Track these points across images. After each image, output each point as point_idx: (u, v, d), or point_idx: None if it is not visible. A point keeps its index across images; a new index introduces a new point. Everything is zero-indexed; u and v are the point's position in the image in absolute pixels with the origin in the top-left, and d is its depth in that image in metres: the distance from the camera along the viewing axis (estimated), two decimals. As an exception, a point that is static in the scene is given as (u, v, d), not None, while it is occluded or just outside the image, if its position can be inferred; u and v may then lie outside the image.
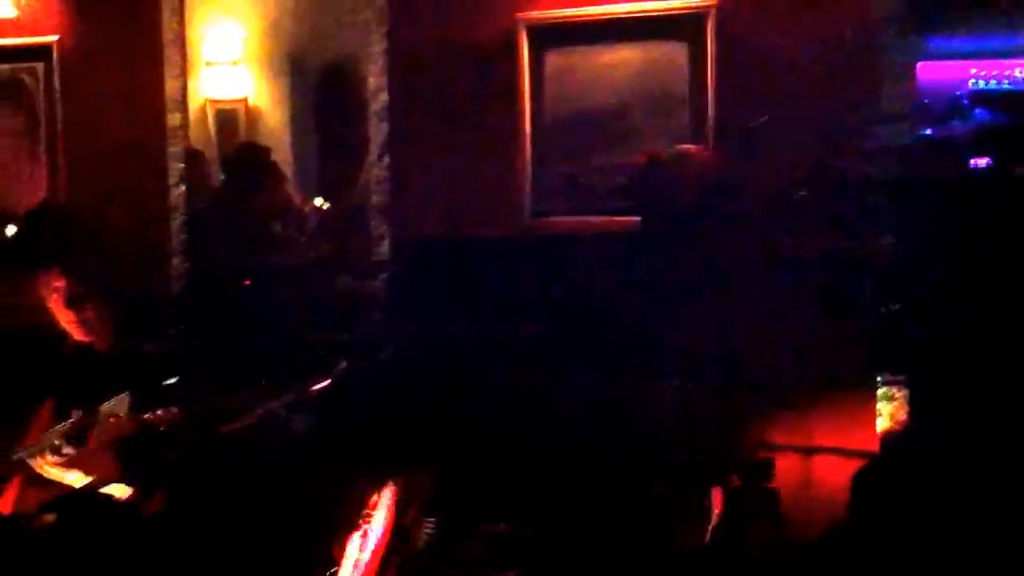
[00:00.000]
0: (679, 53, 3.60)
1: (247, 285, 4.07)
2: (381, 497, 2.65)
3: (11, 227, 4.59)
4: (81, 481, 2.66)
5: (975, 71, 6.16)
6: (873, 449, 3.20)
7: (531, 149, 3.79)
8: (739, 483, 2.86)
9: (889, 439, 3.20)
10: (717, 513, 2.77)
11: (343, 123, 4.84)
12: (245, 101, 5.41)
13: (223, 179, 4.93)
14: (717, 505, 2.79)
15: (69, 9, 4.62)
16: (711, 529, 2.72)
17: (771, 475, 2.85)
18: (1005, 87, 6.07)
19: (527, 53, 3.77)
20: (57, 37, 4.61)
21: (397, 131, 3.97)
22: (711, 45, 3.51)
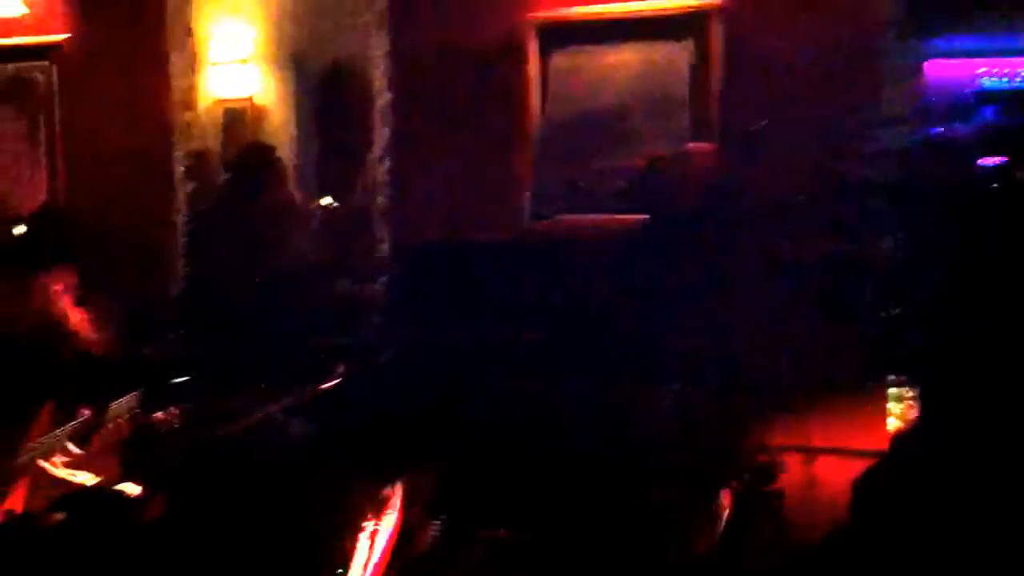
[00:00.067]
0: (683, 54, 3.60)
1: (254, 284, 4.07)
2: (392, 496, 2.66)
3: (16, 229, 4.60)
4: (91, 481, 2.67)
5: (983, 69, 6.13)
6: (874, 451, 3.19)
7: (533, 151, 3.79)
8: (743, 486, 2.85)
9: (894, 441, 3.19)
10: (726, 516, 2.77)
11: (347, 123, 4.84)
12: (251, 100, 5.41)
13: (227, 179, 4.94)
14: (726, 508, 2.79)
15: (77, 9, 4.64)
16: (719, 532, 2.72)
17: (775, 478, 2.85)
18: (1013, 85, 6.03)
19: (534, 54, 3.76)
20: (66, 36, 4.63)
21: (399, 132, 3.97)
22: (715, 46, 3.50)
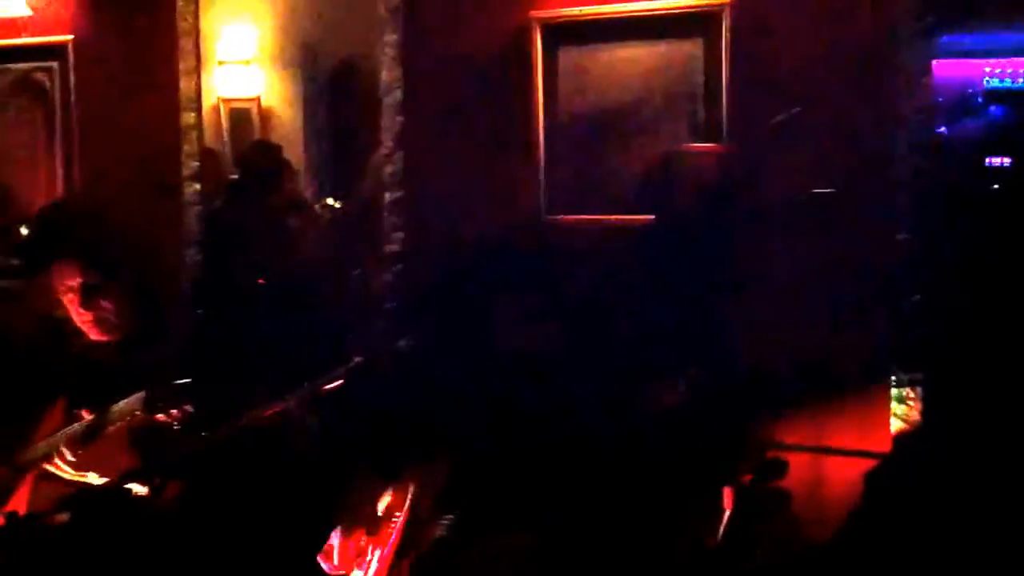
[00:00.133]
0: (693, 51, 3.59)
1: (261, 283, 4.08)
2: (398, 496, 2.66)
3: (25, 227, 4.61)
4: (97, 481, 2.66)
5: (989, 69, 6.12)
6: (885, 449, 3.20)
7: (545, 147, 3.78)
8: (751, 482, 2.85)
9: (902, 438, 3.19)
10: (728, 513, 2.77)
11: (355, 121, 4.85)
12: (258, 100, 5.42)
13: (234, 178, 4.96)
14: (728, 505, 2.79)
15: (84, 8, 4.64)
16: (723, 528, 2.72)
17: (784, 474, 2.84)
18: (1020, 85, 6.02)
19: (544, 52, 3.76)
20: (72, 36, 4.64)
21: (409, 130, 3.97)
22: (725, 45, 3.49)
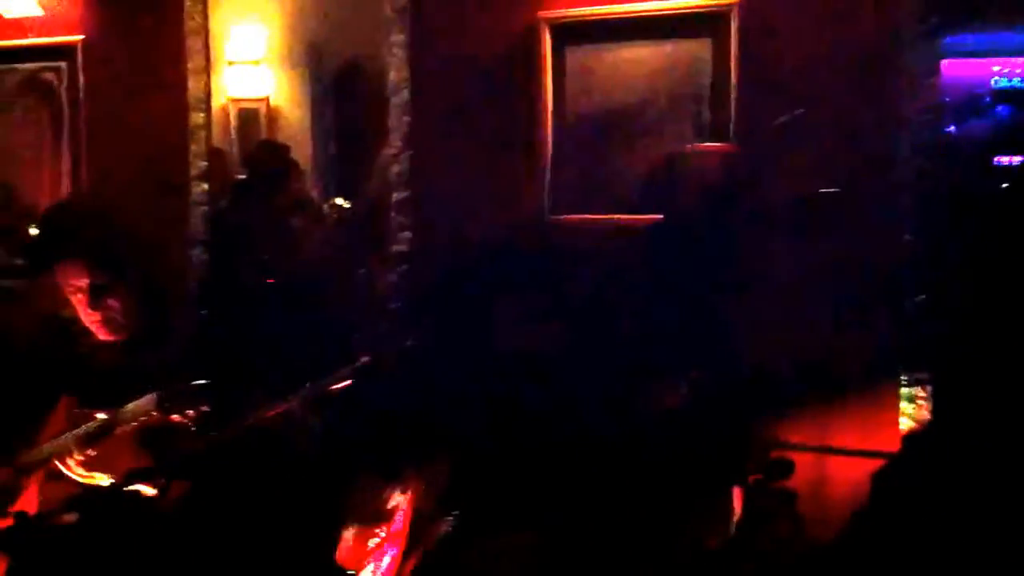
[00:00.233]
0: (701, 52, 3.59)
1: (270, 283, 4.09)
2: (405, 495, 2.66)
3: (34, 227, 4.63)
4: (106, 482, 2.66)
5: (998, 68, 6.10)
6: (894, 449, 3.19)
7: (553, 147, 3.79)
8: (757, 482, 2.85)
9: (911, 439, 3.19)
10: (738, 513, 2.77)
11: (363, 120, 4.85)
12: (267, 100, 5.43)
13: (242, 178, 4.97)
14: (737, 505, 2.79)
15: (93, 9, 4.65)
16: (732, 529, 2.72)
17: (790, 474, 2.85)
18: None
19: (551, 52, 3.76)
20: (81, 37, 4.65)
21: (416, 130, 3.97)
22: (733, 45, 3.49)
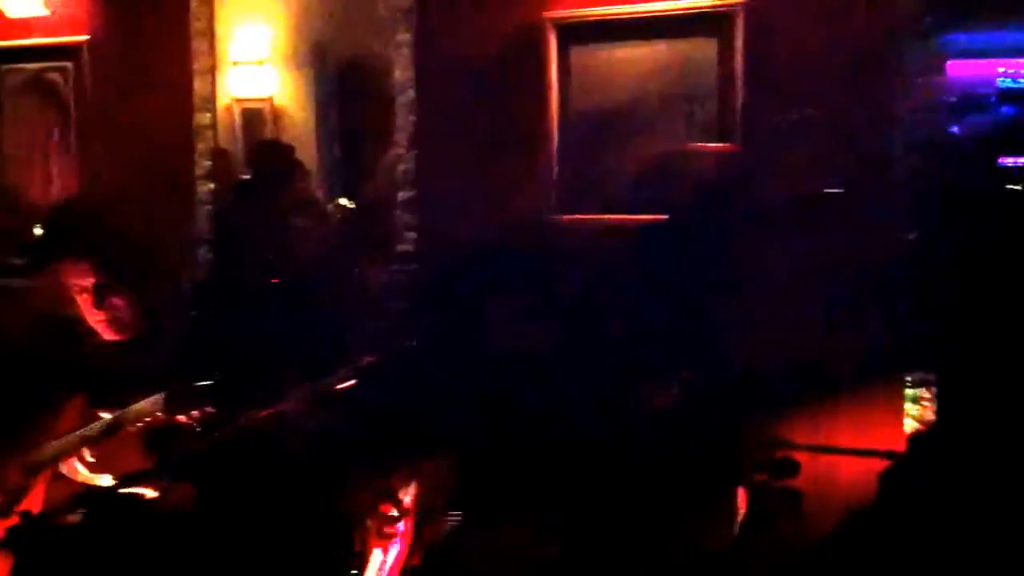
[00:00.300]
0: (707, 52, 3.59)
1: (275, 283, 4.09)
2: (405, 497, 2.66)
3: (38, 227, 4.64)
4: (110, 482, 2.66)
5: (1003, 69, 6.08)
6: (896, 449, 3.19)
7: (557, 145, 3.79)
8: (762, 482, 2.85)
9: (916, 438, 3.18)
10: (743, 513, 2.77)
11: (368, 120, 4.86)
12: (271, 100, 5.43)
13: (246, 178, 4.97)
14: (742, 505, 2.78)
15: (98, 9, 4.67)
16: (736, 529, 2.72)
17: (796, 474, 2.84)
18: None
19: (556, 52, 3.77)
20: (87, 37, 4.66)
21: (421, 129, 3.98)
22: (738, 44, 3.49)
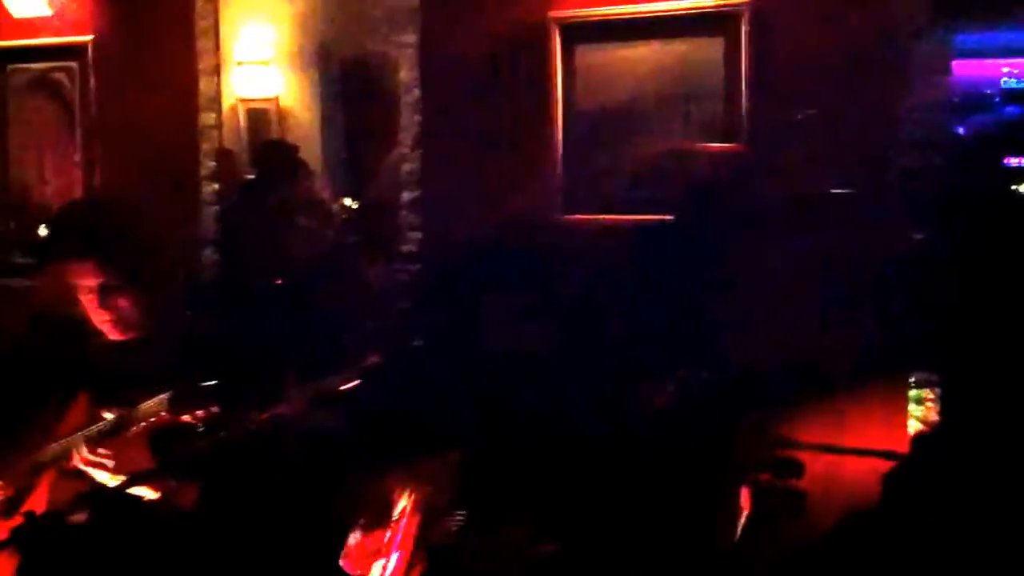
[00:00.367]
0: (712, 51, 3.59)
1: (278, 284, 4.10)
2: (413, 495, 2.66)
3: (43, 227, 4.65)
4: (114, 483, 2.66)
5: (1007, 69, 6.08)
6: (901, 449, 3.18)
7: (562, 146, 3.79)
8: (766, 481, 2.85)
9: (921, 440, 3.18)
10: (746, 513, 2.77)
11: (372, 120, 4.86)
12: (276, 101, 5.44)
13: (251, 178, 4.98)
14: (746, 505, 2.78)
15: (103, 9, 4.67)
16: (740, 529, 2.72)
17: (800, 474, 2.84)
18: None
19: (562, 52, 3.77)
20: (92, 37, 4.67)
21: (427, 129, 3.99)
22: (744, 44, 3.49)
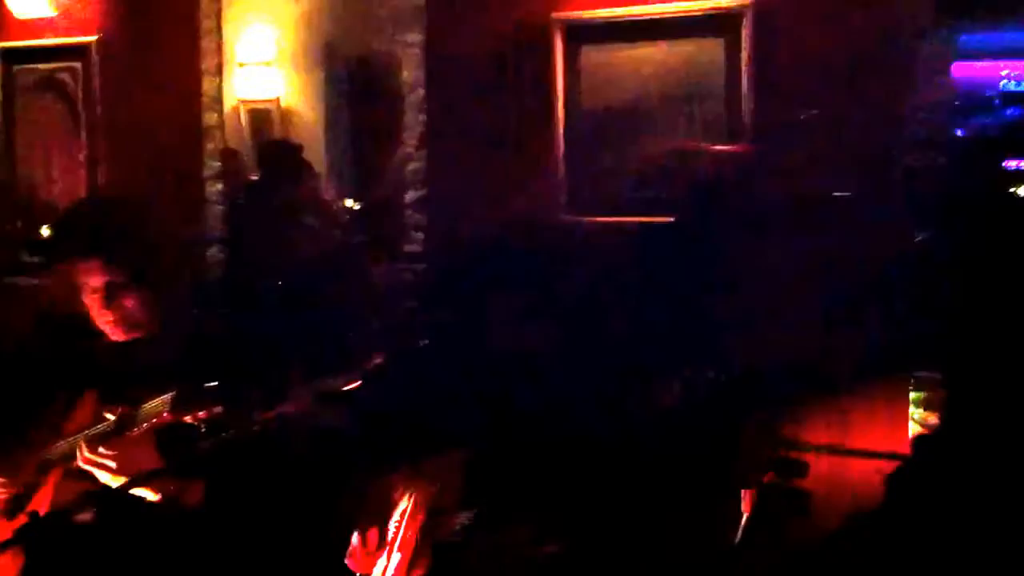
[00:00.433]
0: (715, 52, 3.60)
1: (283, 283, 4.10)
2: (417, 495, 2.66)
3: (47, 227, 4.66)
4: (117, 483, 2.66)
5: (1006, 71, 6.09)
6: (900, 451, 3.19)
7: (566, 146, 3.80)
8: (770, 482, 2.85)
9: (923, 441, 3.19)
10: (747, 515, 2.77)
11: (376, 120, 4.87)
12: (278, 101, 5.45)
13: (254, 178, 4.99)
14: (747, 507, 2.79)
15: (107, 10, 4.68)
16: (741, 530, 2.72)
17: (804, 474, 2.84)
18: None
19: (566, 52, 3.78)
20: (96, 37, 4.68)
21: (431, 128, 3.99)
22: (747, 46, 3.50)
